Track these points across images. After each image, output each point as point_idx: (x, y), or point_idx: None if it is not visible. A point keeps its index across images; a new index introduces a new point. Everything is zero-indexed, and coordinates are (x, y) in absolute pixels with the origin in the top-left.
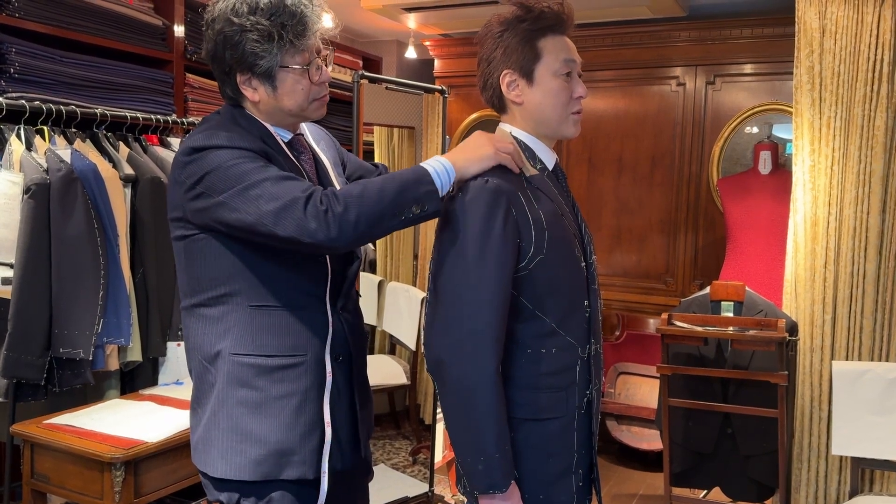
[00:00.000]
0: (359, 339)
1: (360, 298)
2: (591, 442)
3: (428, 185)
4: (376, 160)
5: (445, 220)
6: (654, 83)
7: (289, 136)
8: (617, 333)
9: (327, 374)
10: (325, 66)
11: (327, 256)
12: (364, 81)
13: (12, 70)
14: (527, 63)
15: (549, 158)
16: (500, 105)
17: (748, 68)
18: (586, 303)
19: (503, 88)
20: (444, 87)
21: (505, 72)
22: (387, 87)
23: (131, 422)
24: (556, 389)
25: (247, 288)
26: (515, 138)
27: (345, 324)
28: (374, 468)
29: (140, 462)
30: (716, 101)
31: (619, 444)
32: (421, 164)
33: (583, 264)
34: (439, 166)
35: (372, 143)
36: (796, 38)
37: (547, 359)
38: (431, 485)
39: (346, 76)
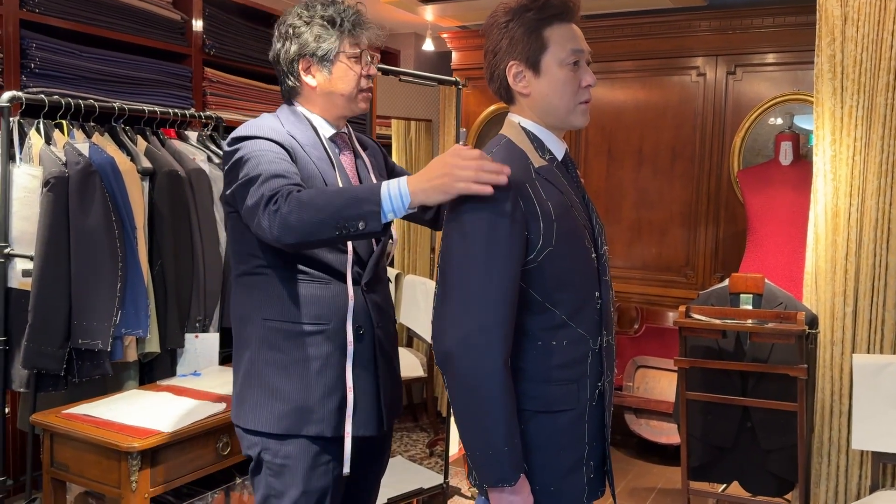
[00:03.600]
0: (382, 318)
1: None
2: (603, 434)
3: (373, 206)
4: (394, 153)
5: (453, 213)
6: (675, 73)
7: (332, 131)
8: (636, 327)
9: (348, 344)
10: (372, 64)
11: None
12: (377, 73)
13: (33, 65)
14: (533, 53)
15: (558, 149)
16: (507, 96)
17: (770, 58)
18: (597, 294)
19: (510, 80)
20: (458, 79)
21: (511, 63)
22: (400, 79)
23: (148, 412)
24: (568, 382)
25: (278, 261)
26: (524, 129)
27: (368, 301)
28: (393, 459)
29: (156, 451)
30: (737, 92)
31: (638, 438)
32: (383, 182)
33: (593, 255)
34: (395, 190)
35: (389, 137)
36: (817, 26)
37: (558, 351)
38: (446, 477)
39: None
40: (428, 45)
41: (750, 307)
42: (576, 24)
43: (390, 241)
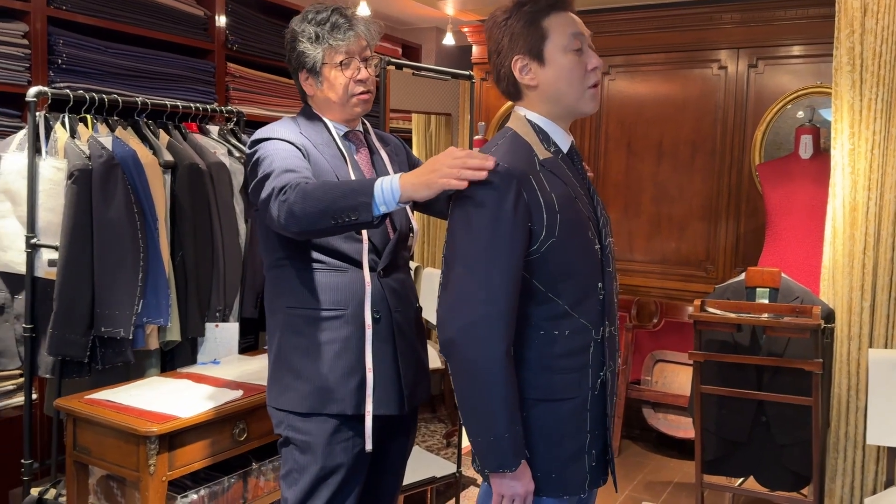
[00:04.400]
0: (400, 304)
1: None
2: (605, 423)
3: (366, 198)
4: (414, 147)
5: (458, 204)
6: (696, 66)
7: (344, 129)
8: (655, 321)
9: (366, 327)
10: (366, 68)
11: (363, 231)
12: (391, 68)
13: (60, 61)
14: (535, 44)
15: (563, 141)
16: (515, 92)
17: (792, 50)
18: (600, 285)
19: (516, 74)
20: (471, 73)
21: (515, 58)
22: (413, 74)
23: (167, 398)
24: (570, 371)
25: (296, 253)
26: (530, 122)
27: (384, 287)
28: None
29: (174, 436)
30: (759, 85)
31: (656, 432)
32: (380, 177)
33: (597, 247)
34: (387, 184)
35: (410, 131)
36: (836, 18)
37: (560, 340)
38: (459, 466)
39: None
40: (448, 40)
41: (766, 301)
42: (572, 12)
43: (410, 233)
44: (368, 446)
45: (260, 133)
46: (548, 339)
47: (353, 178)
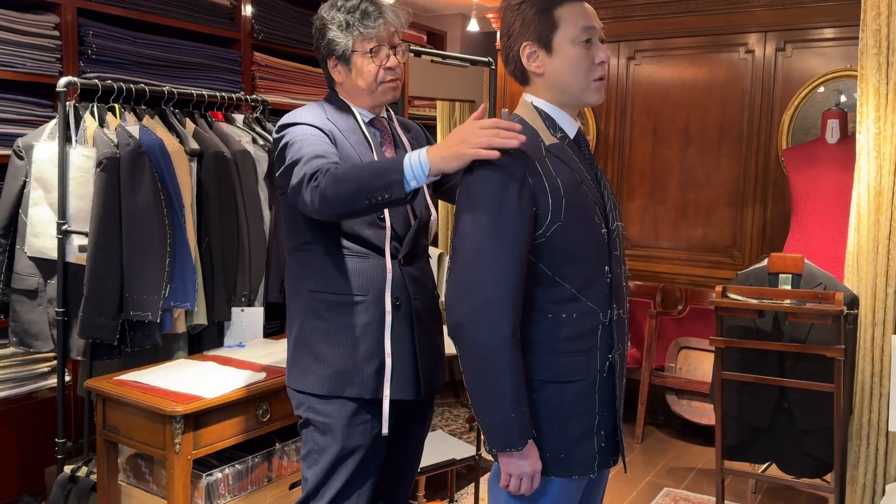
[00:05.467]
0: (419, 291)
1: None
2: (614, 404)
3: (397, 175)
4: (438, 134)
5: (464, 189)
6: (723, 51)
7: (370, 116)
8: (680, 307)
9: (386, 314)
10: (395, 55)
11: (386, 218)
12: (409, 55)
13: (90, 52)
14: (545, 33)
15: (570, 127)
16: (522, 77)
17: (820, 33)
18: (607, 269)
19: (524, 60)
20: (490, 60)
21: (524, 44)
22: (432, 61)
23: (193, 379)
24: (577, 353)
25: (320, 238)
26: (537, 108)
27: (405, 274)
28: (432, 433)
29: (199, 416)
30: (786, 69)
31: (680, 419)
32: (407, 153)
33: (603, 231)
34: (416, 159)
35: (434, 118)
36: (862, 0)
37: (567, 323)
38: (478, 449)
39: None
40: (473, 26)
41: (789, 287)
42: (587, 2)
43: (430, 220)
44: (385, 430)
45: (288, 118)
46: (555, 322)
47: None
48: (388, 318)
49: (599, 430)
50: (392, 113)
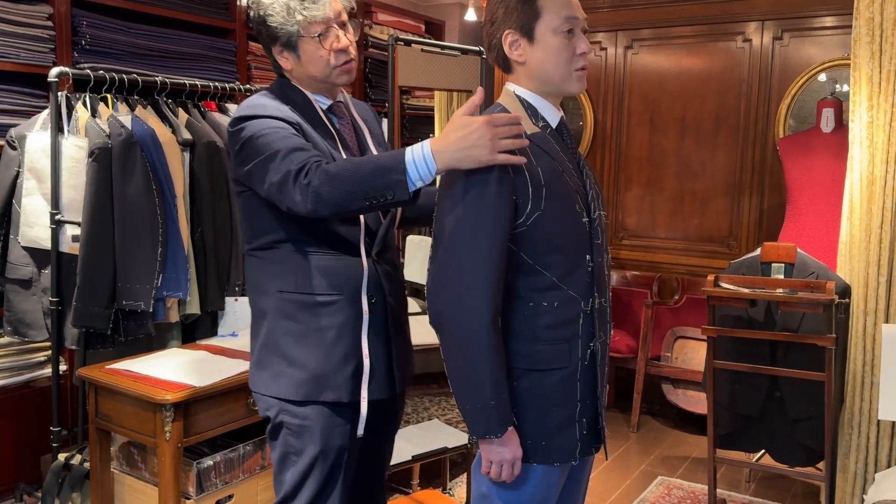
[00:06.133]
0: (394, 286)
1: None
2: (596, 392)
3: (399, 175)
4: (436, 124)
5: (445, 179)
6: (720, 39)
7: (328, 102)
8: (676, 297)
9: (364, 312)
10: (346, 35)
11: None
12: (399, 45)
13: (84, 42)
14: (527, 22)
15: (552, 116)
16: (504, 65)
17: (818, 22)
18: (588, 258)
19: (506, 49)
20: (482, 49)
21: (507, 32)
22: (422, 50)
23: (184, 368)
24: (558, 342)
25: (292, 236)
26: (518, 97)
27: (379, 271)
28: (429, 422)
29: (189, 405)
30: (784, 58)
31: (677, 409)
32: (406, 149)
33: (584, 219)
34: (419, 156)
35: (431, 108)
36: None
37: (548, 312)
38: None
39: None
40: (470, 15)
41: (781, 276)
42: None
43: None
44: (360, 431)
45: (246, 109)
46: (536, 310)
47: (343, 155)
48: (366, 317)
49: (581, 417)
50: (348, 96)
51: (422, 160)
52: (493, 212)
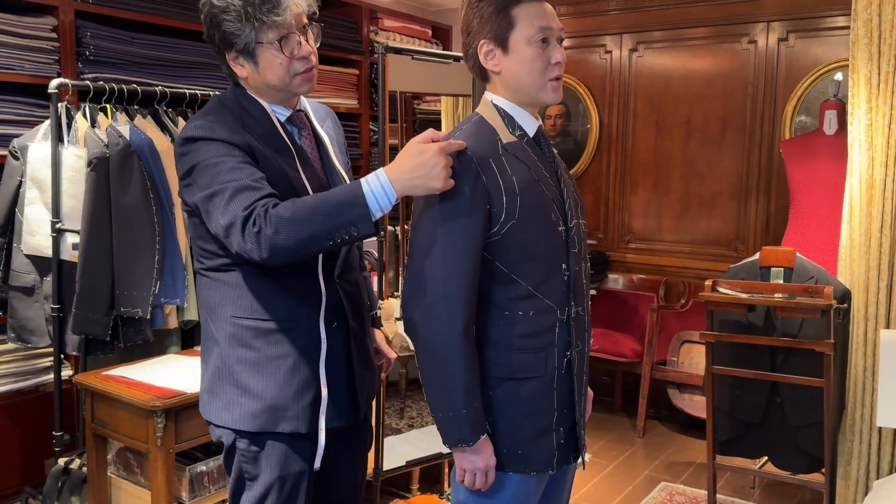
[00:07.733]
0: (357, 309)
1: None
2: (572, 401)
3: (361, 209)
4: (443, 129)
5: None
6: (725, 41)
7: (287, 113)
8: (683, 301)
9: (322, 339)
10: (307, 41)
11: None
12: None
13: (88, 52)
14: (501, 32)
15: (529, 125)
16: (481, 74)
17: (823, 23)
18: (564, 266)
19: (481, 58)
20: None
21: (482, 41)
22: (413, 58)
23: (179, 374)
24: (535, 350)
25: (246, 260)
26: (496, 106)
27: (341, 293)
28: (422, 429)
29: (180, 410)
30: (789, 59)
31: (685, 414)
32: (360, 180)
33: (561, 228)
34: (377, 186)
35: (437, 112)
36: None
37: (523, 321)
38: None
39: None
40: None
41: (781, 281)
42: (548, 2)
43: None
44: (317, 464)
45: (194, 129)
46: (511, 319)
47: (302, 174)
48: (324, 345)
49: (558, 426)
50: (306, 103)
51: (380, 190)
52: (465, 221)
